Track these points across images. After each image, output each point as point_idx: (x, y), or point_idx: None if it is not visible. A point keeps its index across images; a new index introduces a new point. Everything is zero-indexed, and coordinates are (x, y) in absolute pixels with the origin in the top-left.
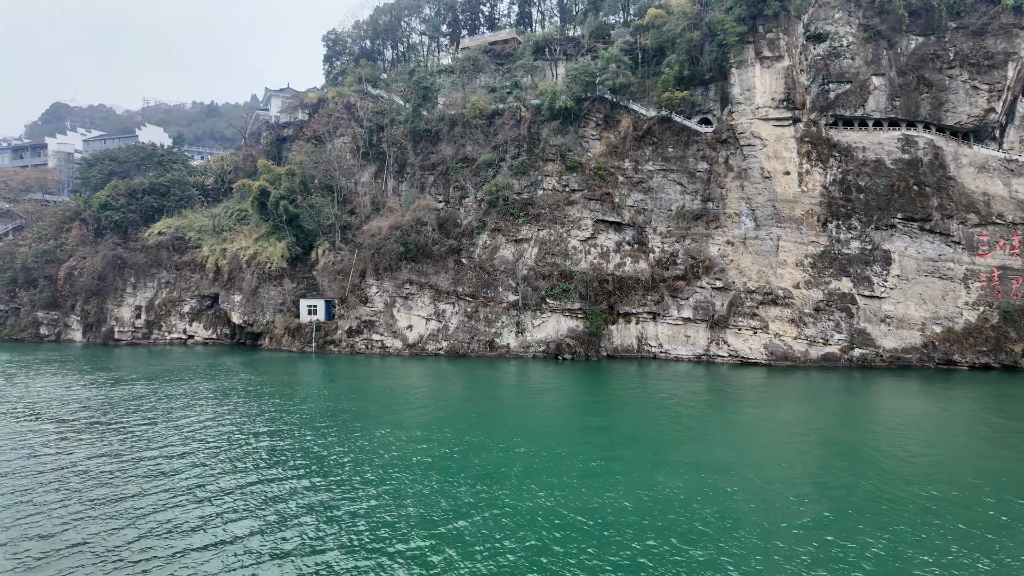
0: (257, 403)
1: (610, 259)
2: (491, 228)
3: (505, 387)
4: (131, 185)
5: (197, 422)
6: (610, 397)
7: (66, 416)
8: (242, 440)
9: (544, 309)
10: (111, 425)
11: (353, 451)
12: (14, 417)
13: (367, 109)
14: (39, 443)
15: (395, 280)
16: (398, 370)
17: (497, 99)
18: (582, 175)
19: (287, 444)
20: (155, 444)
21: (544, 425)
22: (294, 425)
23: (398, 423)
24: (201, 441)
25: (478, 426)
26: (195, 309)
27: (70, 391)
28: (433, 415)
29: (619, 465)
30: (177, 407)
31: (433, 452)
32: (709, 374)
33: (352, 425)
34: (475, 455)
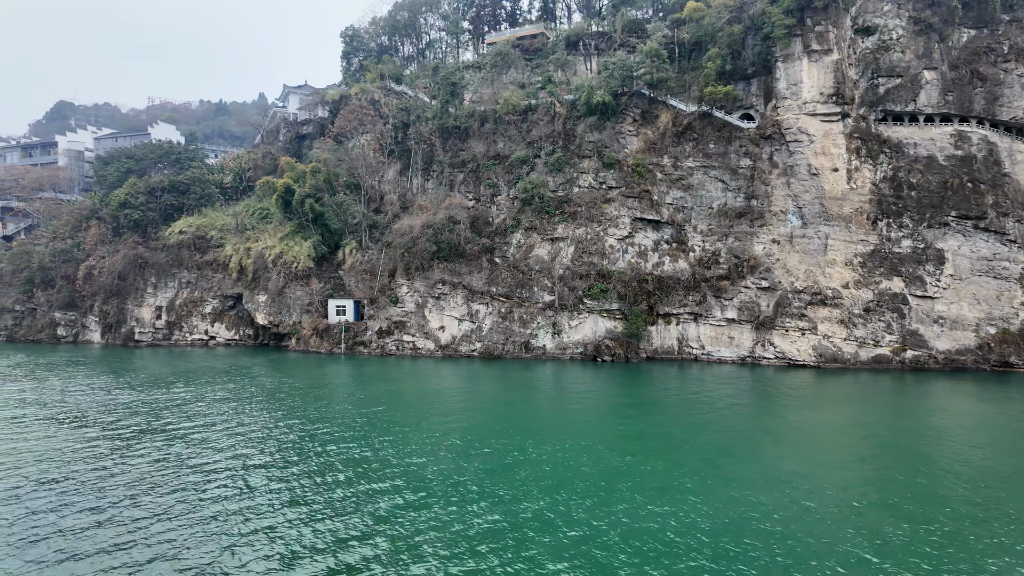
0: (306, 408)
1: (648, 258)
2: (525, 227)
3: (545, 390)
4: (150, 183)
5: (256, 428)
6: (657, 401)
7: (117, 422)
8: (310, 448)
9: (581, 310)
10: (167, 431)
11: (435, 460)
12: (62, 423)
13: (391, 106)
14: (99, 452)
15: (427, 280)
16: (433, 372)
17: (529, 95)
18: (619, 172)
19: (358, 452)
20: (220, 452)
21: (593, 432)
22: (352, 430)
23: (455, 430)
24: (265, 448)
25: (526, 433)
26: (217, 310)
27: (110, 395)
28: (476, 420)
29: (682, 476)
30: (227, 411)
31: (483, 461)
32: (756, 376)
33: (412, 432)
34: (529, 468)
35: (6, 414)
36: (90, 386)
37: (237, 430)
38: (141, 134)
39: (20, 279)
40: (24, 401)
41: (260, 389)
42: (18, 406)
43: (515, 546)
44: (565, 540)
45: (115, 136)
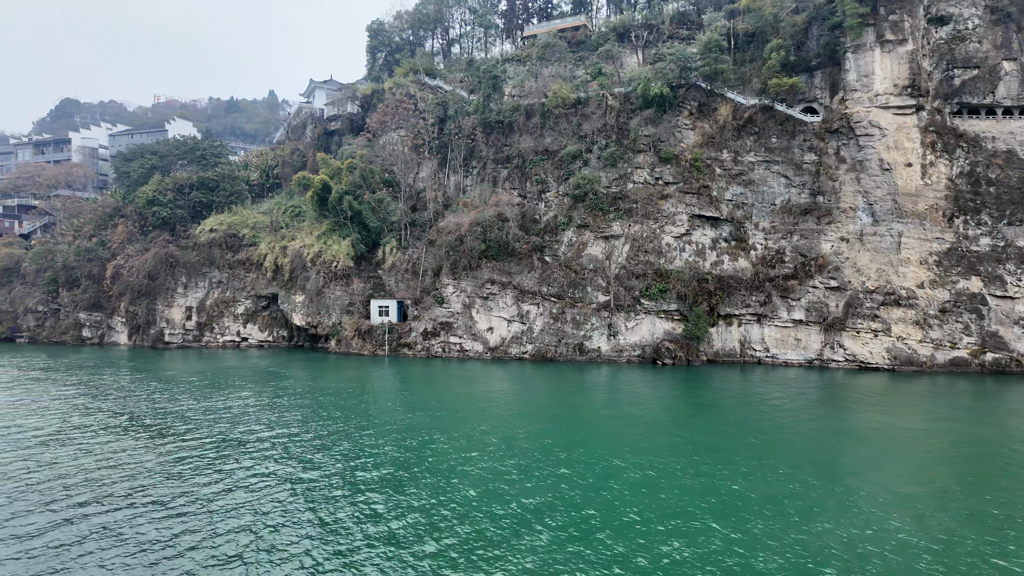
0: (387, 415)
1: (706, 257)
2: (577, 224)
3: (606, 395)
4: (177, 180)
5: (341, 438)
6: (726, 406)
7: (189, 431)
8: (413, 461)
9: (638, 311)
10: (253, 441)
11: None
12: (125, 431)
13: (427, 100)
14: (185, 469)
15: (475, 280)
16: (485, 375)
17: (578, 88)
18: (677, 167)
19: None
20: (314, 463)
21: (662, 444)
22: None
23: (522, 437)
24: (364, 457)
25: (594, 447)
26: (250, 310)
27: (164, 398)
28: (539, 428)
29: (778, 501)
30: (300, 418)
31: (553, 490)
32: (828, 380)
33: (486, 441)
34: (597, 487)
35: (75, 421)
36: (145, 392)
37: (325, 442)
38: (158, 130)
39: (44, 279)
40: (84, 408)
41: (324, 395)
42: (82, 412)
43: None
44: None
45: (130, 133)
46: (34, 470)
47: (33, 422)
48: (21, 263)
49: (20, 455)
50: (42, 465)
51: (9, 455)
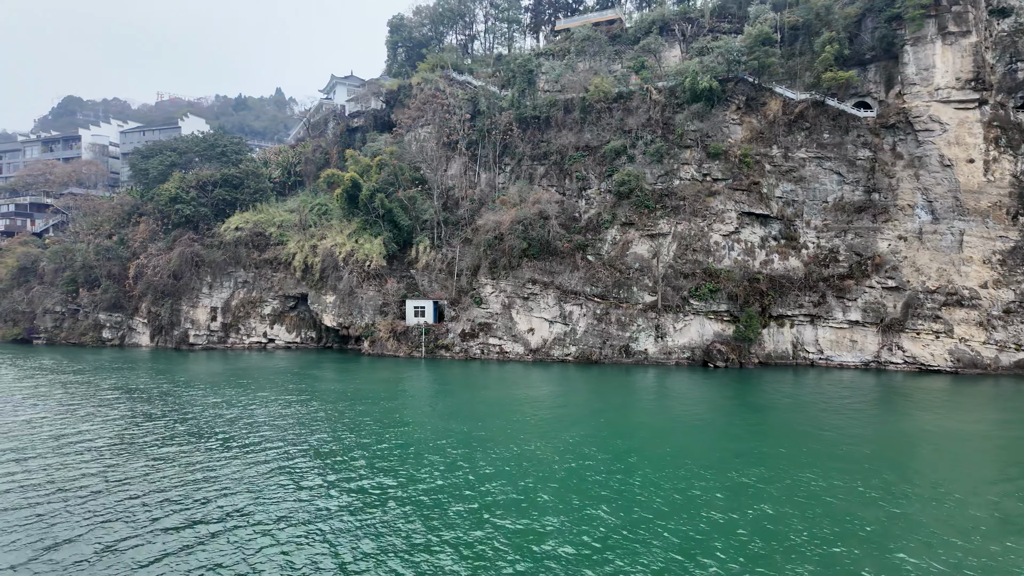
0: (457, 423)
1: (755, 255)
2: (622, 222)
3: (661, 400)
4: (200, 177)
5: (424, 448)
6: (802, 415)
7: (270, 443)
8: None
9: (687, 311)
10: (353, 455)
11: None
12: (196, 440)
13: (457, 96)
14: (286, 490)
15: (515, 279)
16: (529, 378)
17: (619, 82)
18: (725, 163)
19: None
20: (416, 482)
21: (732, 459)
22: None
23: (570, 447)
24: (461, 469)
25: (651, 465)
26: (277, 311)
27: (224, 402)
28: (590, 436)
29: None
30: (378, 428)
31: (609, 508)
32: (889, 383)
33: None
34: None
35: (135, 432)
36: (193, 395)
37: (423, 456)
38: (171, 127)
39: (63, 279)
40: (138, 414)
41: (381, 401)
42: (137, 419)
43: None
44: None
45: (142, 130)
46: (112, 486)
47: (90, 429)
48: (38, 262)
49: (89, 468)
50: (116, 481)
51: (80, 467)
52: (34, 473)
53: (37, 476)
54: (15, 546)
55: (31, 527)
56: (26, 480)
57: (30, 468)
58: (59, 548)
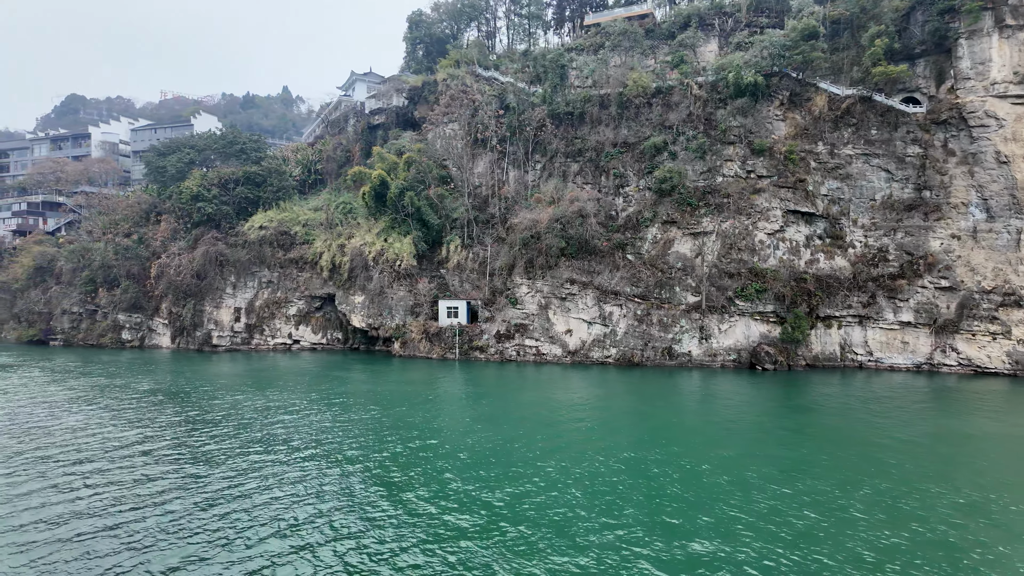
0: (539, 431)
1: (800, 255)
2: (663, 220)
3: (711, 407)
4: (222, 174)
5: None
6: (876, 423)
7: (332, 449)
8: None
9: (732, 312)
10: (448, 469)
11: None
12: (264, 447)
13: (485, 92)
14: (375, 493)
15: (553, 279)
16: (571, 381)
17: (659, 76)
18: (770, 160)
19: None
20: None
21: (806, 469)
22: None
23: (618, 462)
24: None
25: (710, 487)
26: (302, 311)
27: (277, 407)
28: (648, 453)
29: None
30: (450, 437)
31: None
32: (944, 385)
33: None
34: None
35: (193, 439)
36: (246, 400)
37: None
38: (184, 125)
39: (81, 279)
40: (192, 421)
41: (430, 407)
42: (195, 425)
43: None
44: None
45: (153, 127)
46: (184, 496)
47: (143, 435)
48: (55, 262)
49: (157, 475)
50: (196, 491)
51: (160, 481)
52: (101, 486)
53: (105, 488)
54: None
55: (116, 538)
56: (94, 492)
57: (92, 479)
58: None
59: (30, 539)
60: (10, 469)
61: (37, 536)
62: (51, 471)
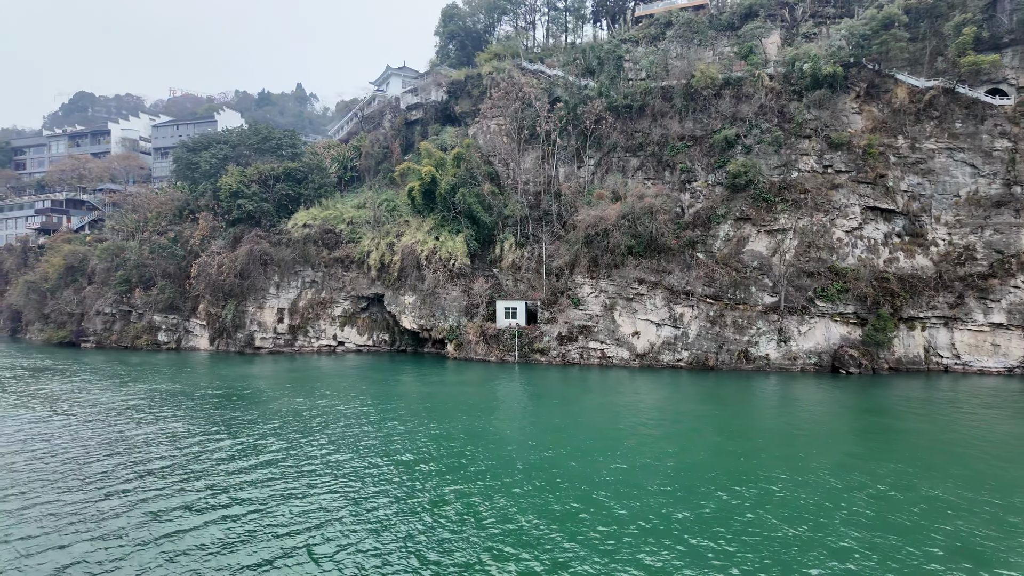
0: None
1: (879, 253)
2: (736, 217)
3: (818, 415)
4: (261, 171)
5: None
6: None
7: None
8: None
9: (813, 313)
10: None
11: None
12: (378, 460)
13: (533, 85)
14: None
15: (620, 278)
16: (638, 385)
17: (726, 68)
18: (848, 154)
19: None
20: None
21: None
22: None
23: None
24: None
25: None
26: (348, 312)
27: (363, 418)
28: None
29: None
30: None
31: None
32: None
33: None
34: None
35: (365, 463)
36: (327, 408)
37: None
38: (207, 121)
39: (116, 278)
40: (290, 435)
41: (512, 418)
42: (296, 439)
43: None
44: None
45: (175, 123)
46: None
47: (237, 449)
48: (86, 261)
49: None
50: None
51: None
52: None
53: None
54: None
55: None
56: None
57: (194, 504)
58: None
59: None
60: (107, 488)
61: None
62: (151, 487)
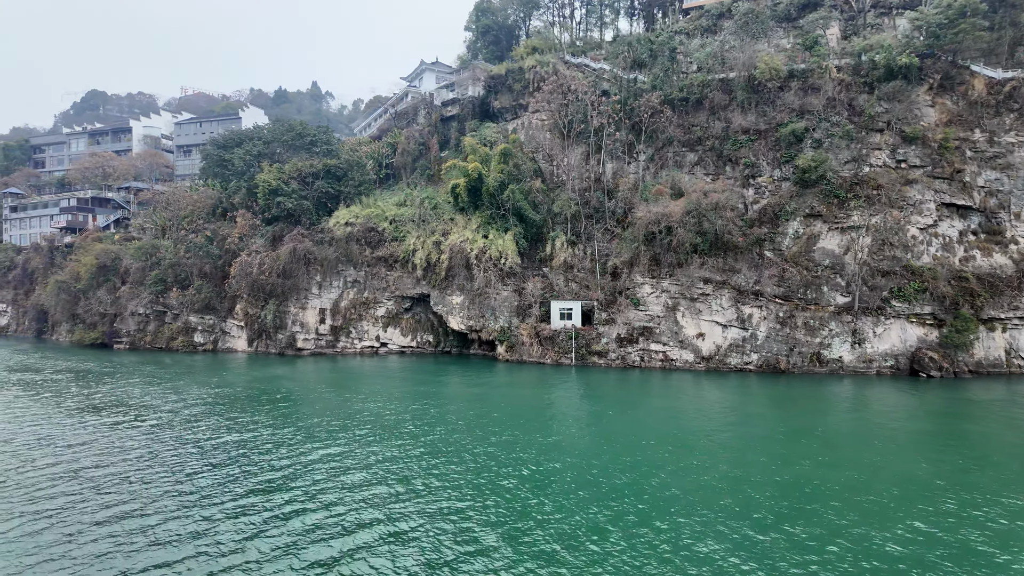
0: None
1: (954, 251)
2: (805, 213)
3: (928, 428)
4: (300, 168)
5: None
6: None
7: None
8: None
9: (888, 314)
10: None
11: None
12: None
13: (578, 79)
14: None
15: (684, 277)
16: (704, 390)
17: (791, 59)
18: (923, 148)
19: None
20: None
21: None
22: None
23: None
24: None
25: None
26: (391, 312)
27: (469, 428)
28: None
29: None
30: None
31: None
32: None
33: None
34: None
35: (408, 458)
36: (421, 415)
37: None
38: (231, 118)
39: (151, 278)
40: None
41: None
42: (413, 456)
43: None
44: None
45: (198, 121)
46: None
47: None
48: (119, 261)
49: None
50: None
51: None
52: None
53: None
54: None
55: None
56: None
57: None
58: None
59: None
60: (214, 511)
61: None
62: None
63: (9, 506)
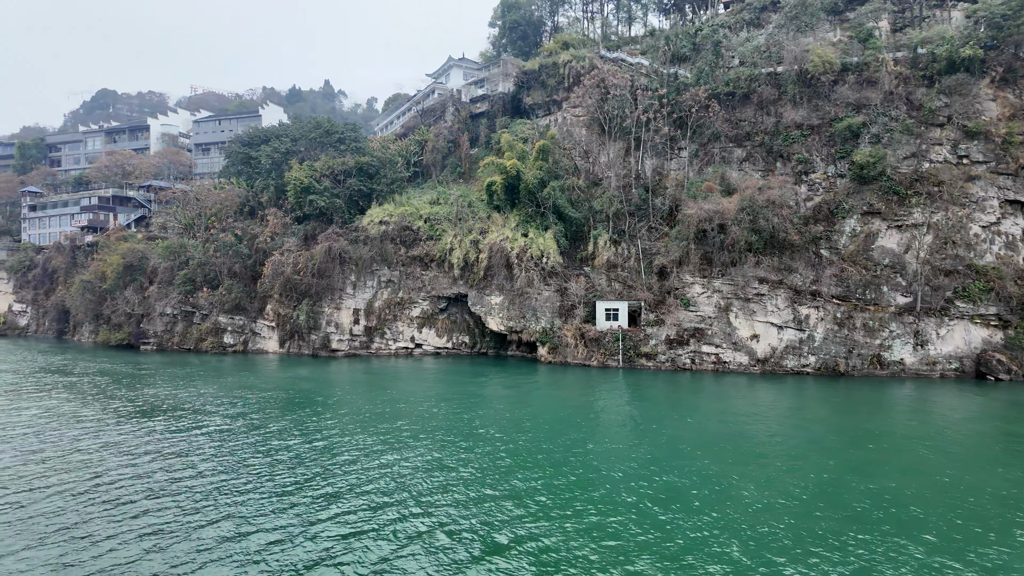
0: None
1: (1018, 250)
2: (863, 211)
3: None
4: (332, 165)
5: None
6: None
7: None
8: None
9: (952, 315)
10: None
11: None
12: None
13: (616, 74)
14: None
15: (738, 277)
16: (760, 394)
17: (845, 52)
18: (986, 144)
19: None
20: None
21: None
22: None
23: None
24: None
25: None
26: (427, 313)
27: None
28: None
29: None
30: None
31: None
32: None
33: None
34: None
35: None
36: (490, 420)
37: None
38: (251, 116)
39: (180, 278)
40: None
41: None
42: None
43: None
44: None
45: (217, 119)
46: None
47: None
48: (145, 260)
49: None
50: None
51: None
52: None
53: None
54: None
55: None
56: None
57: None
58: None
59: None
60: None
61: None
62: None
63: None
